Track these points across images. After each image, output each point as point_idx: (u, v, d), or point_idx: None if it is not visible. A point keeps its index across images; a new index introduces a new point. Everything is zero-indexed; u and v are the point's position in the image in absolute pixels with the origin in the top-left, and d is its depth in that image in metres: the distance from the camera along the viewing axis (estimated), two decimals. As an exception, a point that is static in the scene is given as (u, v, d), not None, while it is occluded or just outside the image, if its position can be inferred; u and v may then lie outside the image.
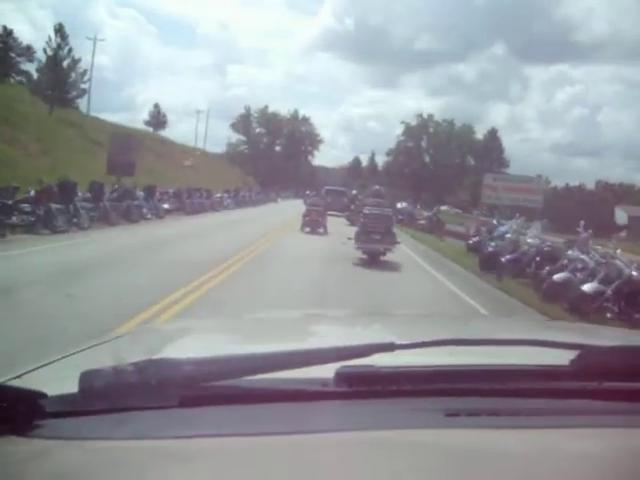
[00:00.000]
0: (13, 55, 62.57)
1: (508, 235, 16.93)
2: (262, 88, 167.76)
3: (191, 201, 32.30)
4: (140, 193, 26.06)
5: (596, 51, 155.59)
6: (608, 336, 2.20)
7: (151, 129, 76.30)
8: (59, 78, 53.12)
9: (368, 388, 1.08)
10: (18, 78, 61.46)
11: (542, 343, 1.26)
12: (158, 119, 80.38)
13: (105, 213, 21.17)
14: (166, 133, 76.54)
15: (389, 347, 1.12)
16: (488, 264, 16.21)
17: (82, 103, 61.02)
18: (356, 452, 0.93)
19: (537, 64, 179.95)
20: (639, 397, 1.11)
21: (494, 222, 22.36)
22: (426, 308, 10.30)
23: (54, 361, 1.39)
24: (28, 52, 62.85)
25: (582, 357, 1.11)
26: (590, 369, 1.11)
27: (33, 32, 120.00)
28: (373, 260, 15.86)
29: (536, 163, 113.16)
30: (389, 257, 16.60)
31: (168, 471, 0.86)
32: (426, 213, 38.63)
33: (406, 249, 22.06)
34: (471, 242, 22.02)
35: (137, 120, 78.82)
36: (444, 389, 1.10)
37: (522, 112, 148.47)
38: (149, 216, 25.56)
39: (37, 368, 1.31)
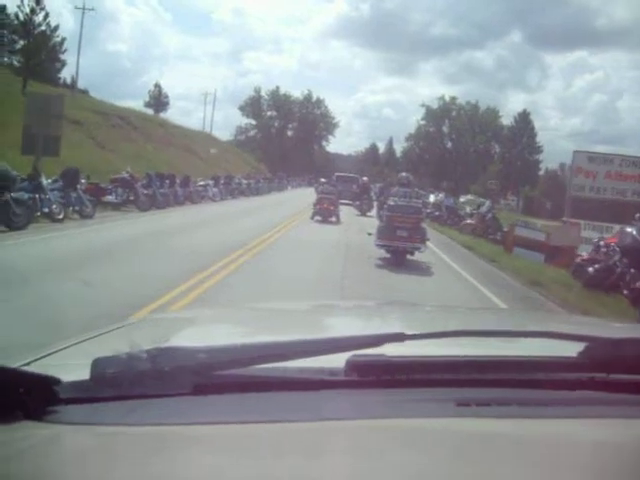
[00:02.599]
0: (6, 32, 52.97)
1: None
2: (277, 75, 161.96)
3: (150, 192, 22.21)
4: (47, 181, 16.06)
5: (615, 37, 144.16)
6: (618, 329, 2.09)
7: (152, 111, 66.59)
8: (31, 47, 43.64)
9: (378, 377, 1.05)
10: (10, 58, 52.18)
11: (552, 335, 1.24)
12: (159, 100, 70.35)
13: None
14: (182, 121, 67.50)
15: (399, 337, 1.09)
16: None
17: (96, 88, 52.30)
18: (366, 439, 0.90)
19: (555, 51, 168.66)
20: None
21: (629, 230, 12.04)
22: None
23: (65, 347, 1.35)
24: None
25: (591, 349, 1.08)
26: (599, 361, 1.08)
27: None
28: (398, 261, 12.47)
29: (555, 151, 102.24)
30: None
31: (180, 456, 0.83)
32: (469, 208, 28.37)
33: (470, 278, 12.05)
34: (592, 270, 11.87)
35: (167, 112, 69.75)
36: (454, 379, 1.07)
37: (540, 100, 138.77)
38: (61, 216, 15.66)
39: (49, 354, 1.27)
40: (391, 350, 1.05)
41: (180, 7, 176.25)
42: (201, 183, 30.44)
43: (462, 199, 33.25)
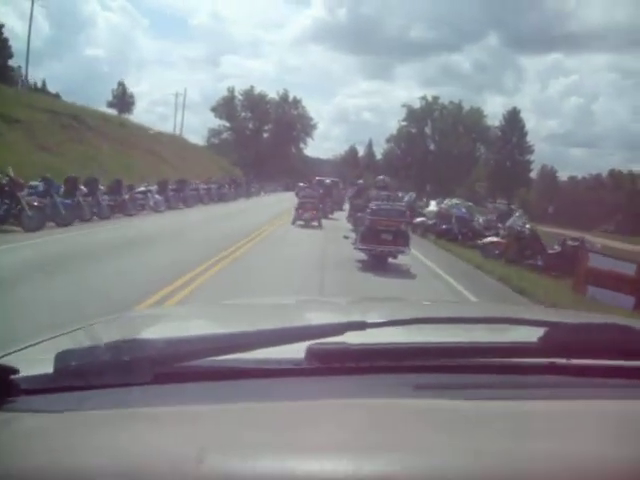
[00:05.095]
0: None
1: None
2: (255, 80, 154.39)
3: (47, 202, 15.13)
4: None
5: (591, 40, 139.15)
6: (576, 316, 2.04)
7: (115, 111, 59.34)
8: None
9: (338, 365, 1.03)
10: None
11: (511, 320, 1.25)
12: (123, 99, 63.05)
13: None
14: (160, 126, 60.82)
15: (360, 325, 1.07)
16: None
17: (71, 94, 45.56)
18: (324, 418, 0.89)
19: (532, 54, 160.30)
20: (606, 373, 1.07)
21: None
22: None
23: (30, 345, 1.30)
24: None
25: (551, 334, 1.06)
26: (559, 346, 1.06)
27: (20, 23, 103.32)
28: (381, 265, 11.84)
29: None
30: None
31: (141, 434, 0.82)
32: (482, 218, 21.57)
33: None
34: None
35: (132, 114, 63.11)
36: (413, 366, 1.06)
37: (517, 102, 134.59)
38: None
39: (13, 352, 1.21)
40: (352, 338, 1.02)
41: (156, 12, 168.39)
42: (141, 189, 23.36)
43: (447, 203, 26.75)
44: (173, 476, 0.70)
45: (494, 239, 16.24)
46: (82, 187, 18.13)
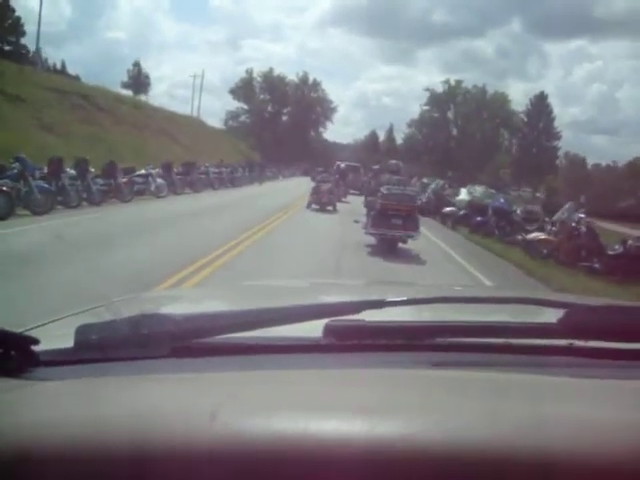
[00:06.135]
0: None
1: None
2: (276, 63, 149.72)
3: (20, 187, 12.79)
4: None
5: (615, 26, 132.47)
6: (596, 301, 1.96)
7: (131, 92, 57.16)
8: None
9: (356, 342, 1.03)
10: None
11: (530, 301, 1.23)
12: (138, 80, 60.76)
13: None
14: (179, 109, 58.87)
15: (379, 304, 1.07)
16: None
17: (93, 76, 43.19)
18: (339, 383, 0.88)
19: (555, 40, 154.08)
20: (625, 355, 1.04)
21: None
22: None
23: (50, 321, 1.33)
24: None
25: (570, 315, 1.03)
26: (577, 327, 1.03)
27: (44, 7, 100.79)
28: (390, 249, 11.66)
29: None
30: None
31: (156, 395, 0.82)
32: (518, 209, 18.85)
33: None
34: None
35: (151, 96, 61.63)
36: (430, 344, 1.05)
37: (539, 89, 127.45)
38: None
39: (34, 327, 1.22)
40: (370, 316, 1.01)
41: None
42: (141, 172, 21.01)
43: (479, 191, 24.35)
44: (186, 432, 0.69)
45: (542, 236, 13.63)
46: (69, 169, 15.88)
